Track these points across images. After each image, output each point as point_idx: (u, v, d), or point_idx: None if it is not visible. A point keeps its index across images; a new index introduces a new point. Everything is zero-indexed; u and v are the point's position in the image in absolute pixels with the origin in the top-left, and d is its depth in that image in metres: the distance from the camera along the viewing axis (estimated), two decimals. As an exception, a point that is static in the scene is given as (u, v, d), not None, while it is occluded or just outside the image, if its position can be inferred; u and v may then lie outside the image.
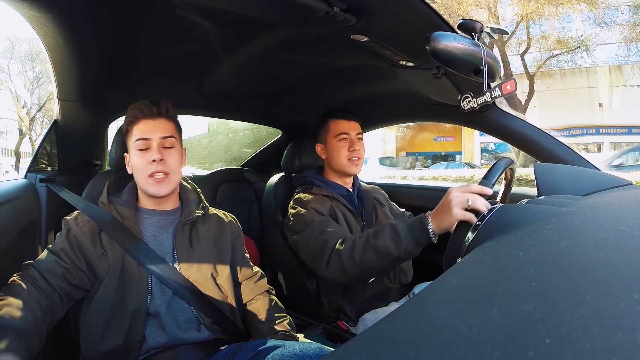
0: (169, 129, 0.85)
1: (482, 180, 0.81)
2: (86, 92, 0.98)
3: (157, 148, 0.82)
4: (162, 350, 0.79)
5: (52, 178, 1.01)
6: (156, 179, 0.81)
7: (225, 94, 1.32)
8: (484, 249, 0.35)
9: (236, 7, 0.72)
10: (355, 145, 1.20)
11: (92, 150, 1.23)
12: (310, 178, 1.24)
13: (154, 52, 0.97)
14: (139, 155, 0.82)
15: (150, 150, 0.82)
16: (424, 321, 0.22)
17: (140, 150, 0.82)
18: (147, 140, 0.82)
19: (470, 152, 15.59)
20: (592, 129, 13.75)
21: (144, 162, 0.81)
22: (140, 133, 0.82)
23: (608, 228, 0.29)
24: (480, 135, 14.85)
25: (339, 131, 1.20)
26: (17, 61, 14.75)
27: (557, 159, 1.10)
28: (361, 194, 1.28)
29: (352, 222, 1.16)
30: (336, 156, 1.20)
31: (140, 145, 0.82)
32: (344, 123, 1.21)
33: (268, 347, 0.73)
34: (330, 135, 1.21)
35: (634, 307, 0.16)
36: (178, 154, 0.86)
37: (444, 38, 0.69)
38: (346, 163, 1.19)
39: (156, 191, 0.82)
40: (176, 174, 0.85)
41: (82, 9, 0.67)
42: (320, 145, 1.24)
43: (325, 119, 1.24)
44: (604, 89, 12.29)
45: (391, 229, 0.89)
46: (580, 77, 12.31)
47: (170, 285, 0.80)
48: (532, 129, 1.14)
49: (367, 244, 0.92)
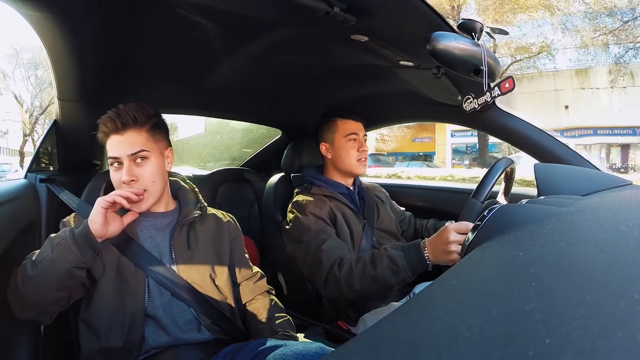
0: (137, 141, 0.79)
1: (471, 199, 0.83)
2: (86, 92, 0.98)
3: (128, 168, 0.78)
4: (162, 350, 0.78)
5: (52, 178, 1.01)
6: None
7: (225, 94, 1.32)
8: (484, 249, 0.35)
9: (236, 7, 0.72)
10: (364, 146, 1.21)
11: (92, 150, 1.23)
12: (309, 178, 1.23)
13: (154, 52, 0.97)
14: (113, 172, 0.80)
15: (121, 170, 0.78)
16: (424, 321, 0.22)
17: (113, 166, 0.80)
18: (117, 159, 0.79)
19: (443, 152, 15.96)
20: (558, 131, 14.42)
21: (117, 181, 0.79)
22: (110, 150, 0.79)
23: (608, 228, 0.29)
24: (451, 137, 15.53)
25: (348, 131, 1.19)
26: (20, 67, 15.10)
27: (557, 159, 1.10)
28: (362, 191, 1.28)
29: (352, 221, 1.16)
30: (345, 156, 1.19)
31: (111, 162, 0.80)
32: (353, 123, 1.21)
33: (269, 347, 0.73)
34: (339, 135, 1.20)
35: (634, 307, 0.16)
36: (154, 165, 0.81)
37: (444, 38, 0.69)
38: (355, 164, 1.19)
39: (136, 209, 0.79)
40: (154, 186, 0.81)
41: (82, 9, 0.67)
42: (325, 145, 1.23)
43: (331, 118, 1.23)
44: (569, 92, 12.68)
45: (389, 260, 0.90)
46: (547, 80, 12.66)
47: (168, 286, 0.80)
48: (532, 129, 1.14)
49: (364, 272, 0.94)
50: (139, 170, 0.79)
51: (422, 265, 0.89)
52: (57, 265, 0.68)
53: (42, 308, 0.72)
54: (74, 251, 0.69)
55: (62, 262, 0.68)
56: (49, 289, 0.69)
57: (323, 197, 1.17)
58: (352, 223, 1.16)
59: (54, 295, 0.70)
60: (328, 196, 1.17)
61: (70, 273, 0.69)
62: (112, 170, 0.80)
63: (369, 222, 1.19)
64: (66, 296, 0.73)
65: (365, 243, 1.15)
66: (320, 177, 1.23)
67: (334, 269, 0.99)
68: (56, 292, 0.70)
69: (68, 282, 0.70)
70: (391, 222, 1.28)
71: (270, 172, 1.78)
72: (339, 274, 0.98)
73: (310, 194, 1.18)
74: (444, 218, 1.35)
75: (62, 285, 0.70)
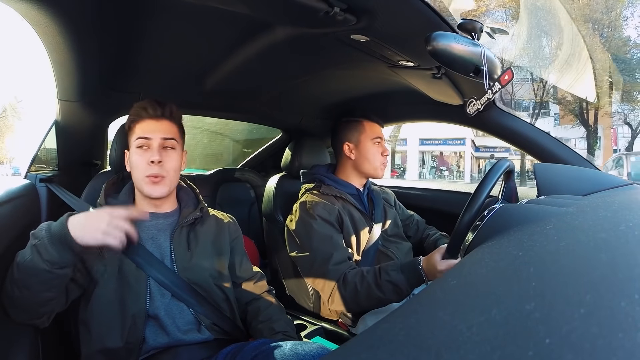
0: (171, 130, 0.85)
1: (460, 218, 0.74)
2: (86, 92, 0.98)
3: (157, 149, 0.82)
4: (162, 350, 0.78)
5: (52, 178, 1.01)
6: (152, 180, 0.81)
7: (225, 94, 1.32)
8: (484, 249, 0.35)
9: (236, 7, 0.72)
10: (386, 151, 1.23)
11: (92, 150, 1.23)
12: (319, 176, 1.22)
13: (154, 52, 0.97)
14: (139, 153, 0.82)
15: (150, 150, 0.82)
16: (424, 321, 0.22)
17: (140, 149, 0.82)
18: (147, 140, 0.82)
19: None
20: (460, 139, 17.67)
21: (143, 162, 0.81)
22: (142, 132, 0.82)
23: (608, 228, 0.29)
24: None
25: (375, 135, 1.20)
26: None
27: (557, 159, 1.10)
28: (372, 194, 1.27)
29: (359, 222, 1.16)
30: (371, 159, 1.19)
31: (140, 143, 0.82)
32: (378, 127, 1.22)
33: (269, 347, 0.73)
34: (365, 137, 1.20)
35: (634, 307, 0.16)
36: (178, 157, 0.85)
37: (444, 38, 0.69)
38: (379, 167, 1.20)
39: (151, 191, 0.82)
40: (173, 177, 0.85)
41: (82, 9, 0.67)
42: (349, 145, 1.21)
43: (357, 119, 1.22)
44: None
45: (392, 285, 0.96)
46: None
47: (168, 287, 0.80)
48: (532, 129, 1.14)
49: (370, 294, 0.98)
50: (166, 155, 0.83)
51: (420, 283, 0.96)
52: (37, 266, 0.65)
53: (33, 310, 0.70)
54: (52, 253, 0.65)
55: (41, 264, 0.65)
56: (35, 291, 0.67)
57: (332, 197, 1.16)
58: (360, 225, 1.15)
59: (42, 296, 0.69)
60: (337, 196, 1.16)
61: (52, 273, 0.66)
62: (138, 153, 0.82)
63: (376, 225, 1.19)
64: (56, 296, 0.71)
65: (372, 246, 1.15)
66: (330, 176, 1.22)
67: (339, 286, 1.02)
68: (44, 293, 0.68)
69: (53, 282, 0.68)
70: (397, 224, 1.28)
71: (269, 172, 1.78)
72: (345, 292, 1.01)
73: (319, 193, 1.17)
74: (450, 220, 1.34)
75: (48, 286, 0.68)
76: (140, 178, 0.82)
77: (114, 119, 1.21)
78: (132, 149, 0.83)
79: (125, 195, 0.87)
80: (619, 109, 13.58)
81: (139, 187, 0.84)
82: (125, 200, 0.86)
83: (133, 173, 0.84)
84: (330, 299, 1.04)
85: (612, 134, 14.63)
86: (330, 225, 1.10)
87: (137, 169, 0.82)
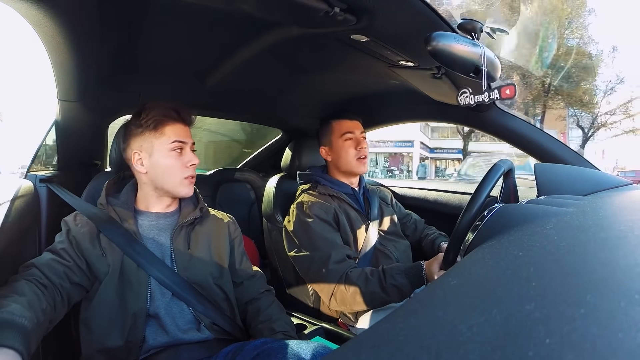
0: (191, 136, 0.90)
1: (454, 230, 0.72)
2: (86, 92, 0.98)
3: (190, 152, 0.87)
4: (162, 350, 0.78)
5: (52, 178, 1.01)
6: (190, 180, 0.86)
7: (225, 94, 1.32)
8: (484, 249, 0.35)
9: (236, 7, 0.72)
10: (362, 143, 1.20)
11: (92, 150, 1.23)
12: (315, 176, 1.23)
13: (154, 52, 0.97)
14: (174, 157, 0.84)
15: (185, 154, 0.86)
16: (424, 321, 0.22)
17: (175, 152, 0.84)
18: (184, 144, 0.85)
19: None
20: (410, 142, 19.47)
21: (181, 164, 0.84)
22: (176, 135, 0.84)
23: (608, 228, 0.29)
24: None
25: (343, 131, 1.20)
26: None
27: (557, 159, 1.10)
28: (367, 193, 1.28)
29: (356, 221, 1.16)
30: (344, 156, 1.19)
31: (177, 146, 0.84)
32: (347, 122, 1.21)
33: (270, 346, 0.73)
34: (335, 136, 1.20)
35: (634, 307, 0.16)
36: None
37: (444, 38, 0.69)
38: (355, 162, 1.19)
39: (188, 191, 0.86)
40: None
41: (83, 9, 0.67)
42: (324, 148, 1.23)
43: (326, 121, 1.24)
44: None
45: (395, 289, 0.97)
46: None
47: (169, 286, 0.80)
48: (532, 129, 1.14)
49: (374, 296, 0.99)
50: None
51: (421, 284, 0.98)
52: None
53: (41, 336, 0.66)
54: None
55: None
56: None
57: (328, 197, 1.16)
58: (356, 224, 1.16)
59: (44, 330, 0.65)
60: (333, 196, 1.17)
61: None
62: (173, 156, 0.84)
63: (372, 224, 1.19)
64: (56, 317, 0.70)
65: (369, 244, 1.15)
66: (326, 176, 1.23)
67: (341, 286, 1.02)
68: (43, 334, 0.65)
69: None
70: (394, 223, 1.28)
71: (269, 172, 1.78)
72: (347, 292, 1.01)
73: (315, 193, 1.17)
74: (448, 220, 1.34)
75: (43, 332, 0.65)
76: (178, 180, 0.84)
77: (114, 119, 1.21)
78: (164, 152, 0.84)
79: (127, 194, 0.87)
80: (573, 113, 14.14)
81: (172, 189, 0.85)
82: (127, 199, 0.86)
83: (165, 176, 0.84)
84: (332, 299, 1.04)
85: (562, 138, 15.24)
86: (327, 225, 1.10)
87: (173, 170, 0.84)
